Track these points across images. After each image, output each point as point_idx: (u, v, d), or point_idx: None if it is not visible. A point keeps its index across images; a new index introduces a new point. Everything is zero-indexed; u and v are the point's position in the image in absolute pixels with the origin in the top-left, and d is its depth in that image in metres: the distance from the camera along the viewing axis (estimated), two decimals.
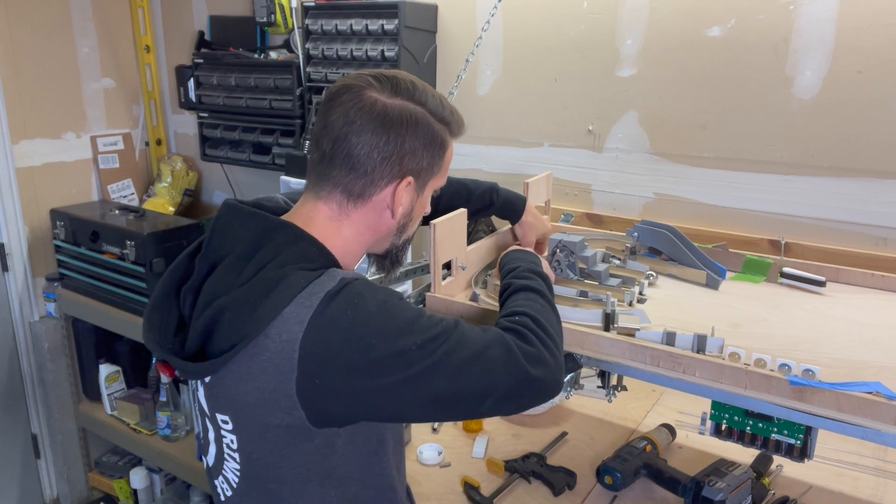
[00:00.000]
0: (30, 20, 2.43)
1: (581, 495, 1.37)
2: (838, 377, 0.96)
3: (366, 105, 0.90)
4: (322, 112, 0.95)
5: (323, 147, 0.92)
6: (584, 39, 1.81)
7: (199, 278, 0.90)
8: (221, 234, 0.92)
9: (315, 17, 2.12)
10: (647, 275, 1.39)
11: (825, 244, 1.57)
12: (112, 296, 2.35)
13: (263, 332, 0.81)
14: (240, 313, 0.83)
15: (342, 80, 0.95)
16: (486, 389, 0.87)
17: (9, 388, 2.58)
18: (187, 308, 0.91)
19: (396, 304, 0.86)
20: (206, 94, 2.47)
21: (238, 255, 0.88)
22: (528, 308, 1.00)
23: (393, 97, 0.92)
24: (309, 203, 0.95)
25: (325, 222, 0.93)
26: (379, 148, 0.91)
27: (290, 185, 2.12)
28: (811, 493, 1.35)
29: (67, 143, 2.61)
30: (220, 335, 0.85)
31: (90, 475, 2.77)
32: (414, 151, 0.93)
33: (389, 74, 0.95)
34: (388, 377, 0.82)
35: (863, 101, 1.49)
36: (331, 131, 0.92)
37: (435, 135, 0.95)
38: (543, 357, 0.92)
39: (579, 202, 1.92)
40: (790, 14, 1.53)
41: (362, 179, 0.92)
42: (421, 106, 0.94)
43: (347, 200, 0.93)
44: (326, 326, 0.81)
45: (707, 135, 1.70)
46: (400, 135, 0.91)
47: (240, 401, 0.86)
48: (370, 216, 0.95)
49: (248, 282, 0.85)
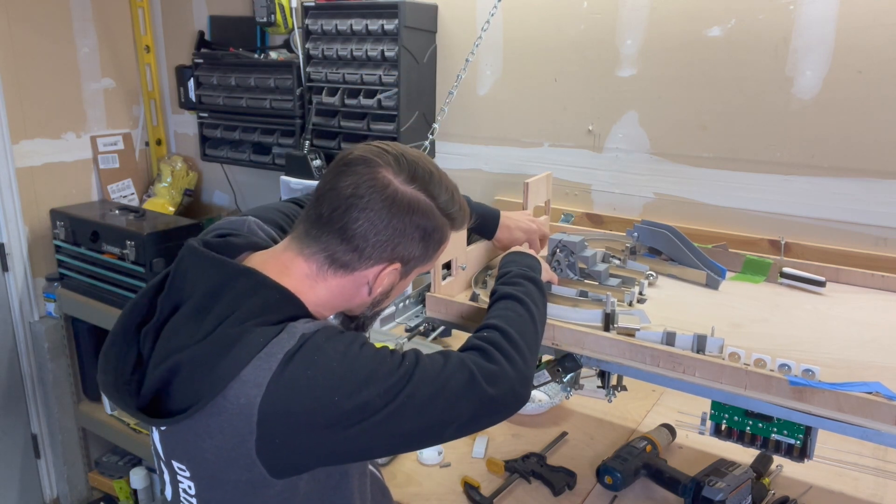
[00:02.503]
0: (30, 20, 2.43)
1: (581, 495, 1.37)
2: (838, 377, 0.96)
3: (378, 184, 0.88)
4: (333, 173, 0.92)
5: (322, 209, 0.90)
6: (584, 39, 1.81)
7: (160, 319, 0.88)
8: (182, 277, 0.89)
9: (315, 17, 2.12)
10: (647, 275, 1.39)
11: (825, 244, 1.57)
12: (112, 296, 2.35)
13: (221, 394, 0.80)
14: (197, 372, 0.82)
15: (364, 149, 0.93)
16: (449, 419, 0.88)
17: (9, 388, 2.58)
18: (147, 349, 0.88)
19: (357, 353, 0.85)
20: (206, 94, 2.47)
21: (197, 303, 0.86)
22: (501, 320, 1.00)
23: (407, 184, 0.90)
24: (289, 253, 0.92)
25: (301, 278, 0.91)
26: (377, 230, 0.88)
27: (290, 185, 2.12)
28: (811, 493, 1.35)
29: (67, 143, 2.61)
30: (176, 391, 0.83)
31: (90, 475, 2.78)
32: (411, 241, 0.91)
33: (411, 158, 0.92)
34: (352, 428, 0.82)
35: (863, 101, 1.49)
36: (335, 197, 0.89)
37: (436, 229, 0.93)
38: (505, 373, 0.92)
39: (579, 202, 1.92)
40: (790, 14, 1.53)
41: (351, 254, 0.90)
42: (432, 199, 0.92)
43: (329, 266, 0.90)
44: (286, 389, 0.80)
45: (707, 135, 1.70)
46: (402, 223, 0.89)
47: (197, 456, 0.85)
48: (347, 287, 0.93)
49: (205, 338, 0.83)
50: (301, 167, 2.12)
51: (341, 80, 2.11)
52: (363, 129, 2.10)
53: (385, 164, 0.90)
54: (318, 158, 2.14)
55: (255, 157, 2.41)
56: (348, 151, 0.93)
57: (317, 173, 2.10)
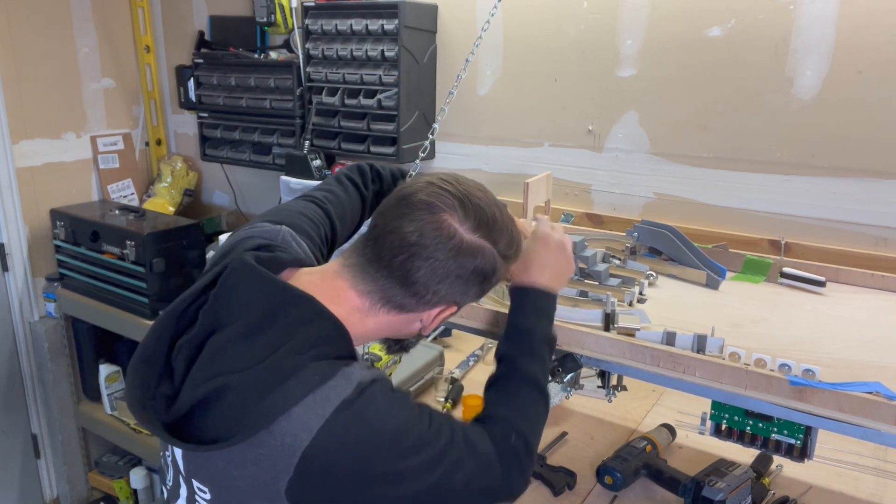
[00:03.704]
0: (30, 20, 2.43)
1: (581, 495, 1.37)
2: (838, 377, 0.96)
3: (444, 234, 0.87)
4: (394, 213, 0.89)
5: (382, 252, 0.88)
6: (584, 39, 1.81)
7: (201, 334, 0.86)
8: (230, 293, 0.87)
9: (315, 17, 2.12)
10: (647, 275, 1.39)
11: (825, 244, 1.57)
12: (112, 296, 2.35)
13: (267, 428, 0.78)
14: (245, 399, 0.79)
15: (428, 191, 0.89)
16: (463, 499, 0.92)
17: (9, 388, 2.58)
18: (181, 363, 0.85)
19: (406, 419, 0.86)
20: (206, 94, 2.47)
21: (249, 323, 0.84)
22: (528, 424, 1.00)
23: (472, 232, 0.89)
24: (341, 282, 0.90)
25: (352, 310, 0.89)
26: (439, 279, 0.88)
27: (290, 185, 2.12)
28: (811, 493, 1.35)
29: (67, 143, 2.61)
30: (217, 414, 0.81)
31: (90, 475, 2.77)
32: (471, 286, 0.92)
33: (476, 200, 0.90)
34: (383, 489, 0.83)
35: (863, 101, 1.49)
36: (397, 242, 0.87)
37: (495, 272, 0.93)
38: (522, 486, 0.97)
39: (579, 202, 1.92)
40: (790, 14, 1.53)
41: (409, 298, 0.89)
42: (494, 245, 0.91)
43: (382, 306, 0.90)
44: (334, 440, 0.79)
45: (707, 135, 1.69)
46: (465, 271, 0.89)
47: (224, 483, 0.83)
48: (398, 322, 0.93)
49: (258, 364, 0.81)
50: (301, 167, 2.12)
51: (341, 80, 2.11)
52: (363, 129, 2.10)
53: (450, 209, 0.88)
54: (318, 158, 2.14)
55: (255, 157, 2.41)
56: (410, 190, 0.91)
57: (317, 173, 2.10)
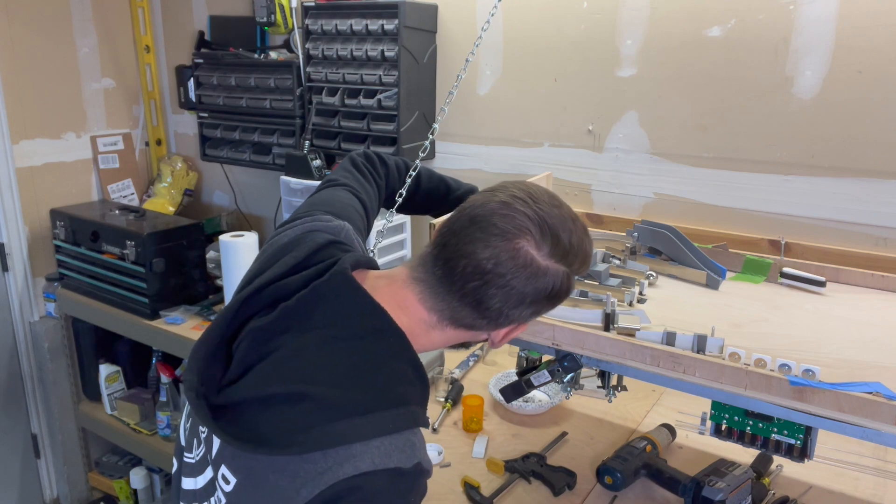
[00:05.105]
0: (30, 20, 2.43)
1: (581, 495, 1.37)
2: (838, 377, 0.96)
3: (520, 263, 0.84)
4: (466, 234, 0.86)
5: (454, 276, 0.86)
6: (584, 39, 1.81)
7: (276, 329, 0.85)
8: (323, 299, 0.86)
9: (315, 17, 2.12)
10: (647, 275, 1.39)
11: (825, 244, 1.57)
12: (112, 296, 2.35)
13: (324, 451, 0.77)
14: (319, 414, 0.79)
15: (501, 212, 0.86)
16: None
17: (9, 388, 2.58)
18: (244, 349, 0.85)
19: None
20: (206, 94, 2.47)
21: (336, 335, 0.84)
22: None
23: (548, 258, 0.86)
24: (409, 293, 0.89)
25: (418, 322, 0.89)
26: (513, 304, 0.87)
27: (290, 185, 2.12)
28: (811, 493, 1.35)
29: (67, 143, 2.61)
30: (282, 416, 0.80)
31: (90, 475, 2.78)
32: (543, 308, 0.91)
33: (552, 223, 0.86)
34: None
35: (863, 101, 1.49)
36: (471, 268, 0.84)
37: (567, 293, 0.92)
38: None
39: (579, 202, 1.92)
40: (790, 14, 1.53)
41: (481, 321, 0.88)
42: (569, 267, 0.89)
43: (450, 323, 0.89)
44: (362, 492, 0.77)
45: (707, 135, 1.70)
46: (539, 296, 0.88)
47: (256, 481, 0.81)
48: (465, 336, 0.92)
49: (340, 385, 0.80)
50: (301, 167, 2.12)
51: (341, 80, 2.11)
52: (363, 129, 2.10)
53: (525, 235, 0.85)
54: (318, 158, 2.14)
55: (255, 157, 2.41)
56: (483, 211, 0.87)
57: (317, 173, 2.10)
